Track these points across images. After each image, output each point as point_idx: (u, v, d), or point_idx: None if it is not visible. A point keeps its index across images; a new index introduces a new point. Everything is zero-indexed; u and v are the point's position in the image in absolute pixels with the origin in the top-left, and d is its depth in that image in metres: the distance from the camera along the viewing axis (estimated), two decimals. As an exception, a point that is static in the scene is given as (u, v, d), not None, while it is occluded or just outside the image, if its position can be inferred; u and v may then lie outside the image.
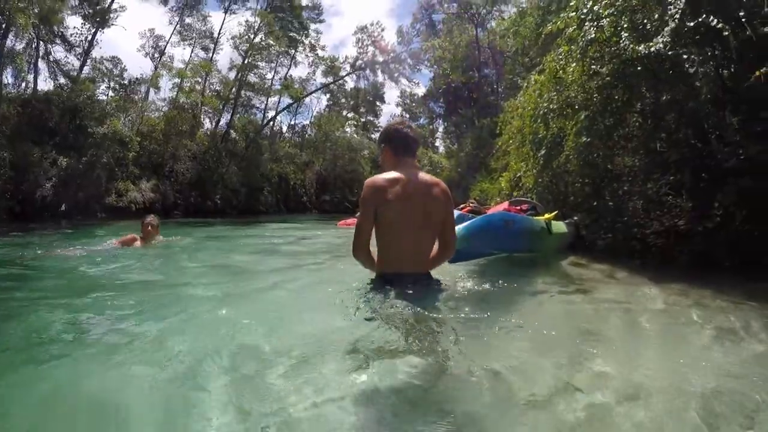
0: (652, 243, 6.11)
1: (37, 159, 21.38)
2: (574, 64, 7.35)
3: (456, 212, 5.45)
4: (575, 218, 7.43)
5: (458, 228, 4.56)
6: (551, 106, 7.96)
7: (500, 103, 31.96)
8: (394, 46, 48.36)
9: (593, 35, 6.26)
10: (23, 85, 25.78)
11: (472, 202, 14.77)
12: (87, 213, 23.03)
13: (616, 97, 6.60)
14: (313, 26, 46.85)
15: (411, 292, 3.15)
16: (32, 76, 26.35)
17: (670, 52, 5.44)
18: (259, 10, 39.39)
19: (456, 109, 38.83)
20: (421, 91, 51.84)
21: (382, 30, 50.21)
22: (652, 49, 5.52)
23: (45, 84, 27.66)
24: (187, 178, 31.41)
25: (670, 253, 5.91)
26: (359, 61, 49.44)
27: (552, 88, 8.09)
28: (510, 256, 6.18)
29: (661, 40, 5.48)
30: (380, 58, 48.96)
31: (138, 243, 7.65)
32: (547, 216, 6.83)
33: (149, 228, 7.88)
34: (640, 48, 5.65)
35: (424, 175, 3.33)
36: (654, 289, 4.73)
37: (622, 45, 5.95)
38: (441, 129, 52.71)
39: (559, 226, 6.63)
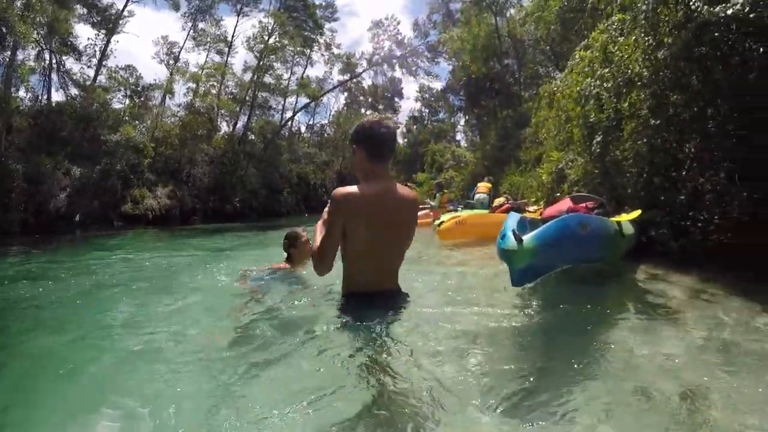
0: (725, 241, 5.18)
1: (50, 170, 21.07)
2: (626, 36, 6.46)
3: (515, 216, 4.52)
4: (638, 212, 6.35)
5: (526, 239, 3.54)
6: (605, 85, 6.93)
7: (522, 93, 31.13)
8: (410, 39, 47.75)
9: (661, -5, 5.32)
10: (37, 97, 25.66)
11: (506, 195, 13.85)
12: (103, 222, 22.63)
13: (687, 71, 5.63)
14: (327, 25, 46.34)
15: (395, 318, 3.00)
16: (45, 88, 26.20)
17: (751, 15, 4.53)
18: (272, 11, 38.92)
19: (477, 101, 37.84)
20: (440, 84, 51.19)
21: (398, 24, 49.36)
22: (729, 11, 4.61)
23: (58, 95, 27.29)
24: (205, 182, 30.88)
25: (741, 254, 4.98)
26: (375, 57, 48.78)
27: (604, 65, 7.08)
28: (569, 270, 5.01)
29: (740, 0, 4.58)
30: (397, 53, 48.27)
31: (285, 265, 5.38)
32: (626, 216, 5.76)
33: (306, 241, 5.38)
34: (717, 9, 4.73)
35: (400, 188, 3.09)
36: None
37: (694, 7, 5.02)
38: (462, 122, 52.03)
39: (628, 226, 5.59)
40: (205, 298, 4.66)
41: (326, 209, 3.09)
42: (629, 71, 6.43)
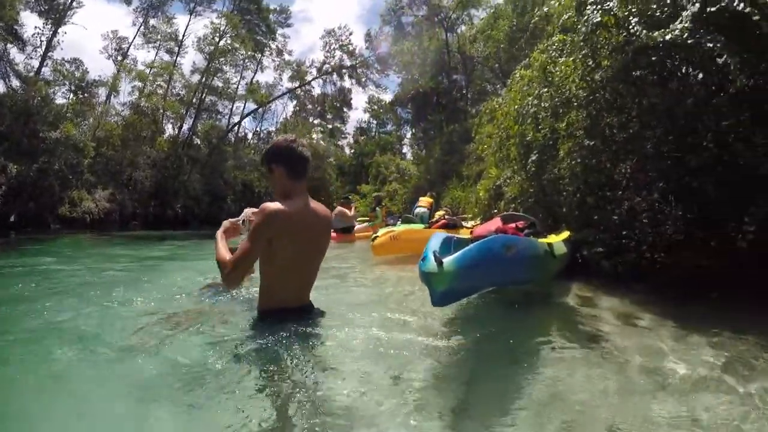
0: (658, 260, 5.22)
1: (-15, 166, 19.93)
2: (565, 57, 6.48)
3: (440, 236, 4.39)
4: (568, 233, 6.30)
5: (447, 261, 3.39)
6: (542, 104, 6.92)
7: (469, 109, 31.42)
8: (361, 50, 47.75)
9: (599, 18, 5.31)
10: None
11: (447, 210, 13.83)
12: (39, 224, 21.70)
13: (624, 93, 5.67)
14: (280, 30, 46.12)
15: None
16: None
17: (690, 41, 4.57)
18: (224, 12, 38.51)
19: (424, 114, 38.18)
20: (388, 97, 51.27)
21: (350, 34, 49.12)
22: (668, 36, 4.65)
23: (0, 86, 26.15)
24: (147, 186, 30.13)
25: (673, 273, 5.05)
26: (326, 65, 48.57)
27: (542, 84, 7.08)
28: (497, 291, 5.04)
29: (679, 26, 4.61)
30: (347, 63, 48.18)
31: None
32: (555, 237, 5.64)
33: None
34: (656, 35, 4.77)
35: (315, 205, 3.21)
36: (695, 339, 3.65)
37: (632, 31, 5.05)
38: (408, 135, 52.23)
39: (560, 246, 5.52)
40: (127, 321, 4.33)
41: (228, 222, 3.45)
42: (567, 92, 6.45)
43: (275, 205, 2.88)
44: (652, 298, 4.97)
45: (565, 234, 5.76)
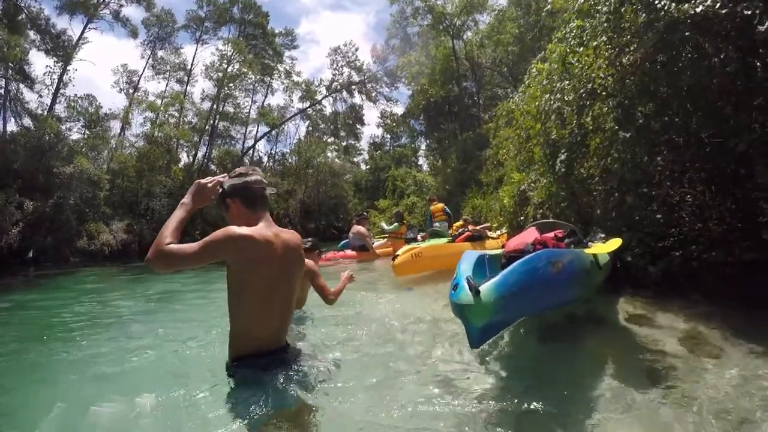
0: (707, 259, 4.70)
1: (1, 203, 20.02)
2: (586, 43, 6.01)
3: (471, 255, 3.82)
4: (602, 236, 5.59)
5: (485, 289, 2.85)
6: (565, 98, 6.38)
7: (482, 115, 30.98)
8: (369, 65, 47.64)
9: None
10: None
11: (468, 221, 13.21)
12: (58, 258, 21.60)
13: (655, 76, 5.13)
14: (287, 53, 46.17)
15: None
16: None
17: (723, 10, 4.10)
18: (230, 38, 38.73)
19: (437, 124, 37.78)
20: (400, 109, 51.00)
21: (356, 50, 48.87)
22: (699, 8, 4.18)
23: (13, 125, 26.48)
24: (164, 215, 29.92)
25: (726, 272, 4.53)
26: (335, 83, 48.49)
27: (563, 77, 6.54)
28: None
29: (711, -6, 4.16)
30: (356, 79, 48.08)
31: None
32: (604, 247, 4.87)
33: None
34: (686, 7, 4.29)
35: (284, 232, 2.94)
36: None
37: (660, 6, 4.55)
38: (423, 146, 51.78)
39: (603, 256, 4.90)
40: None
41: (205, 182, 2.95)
42: (591, 83, 5.91)
43: (240, 230, 2.66)
44: (713, 309, 4.45)
45: (616, 242, 4.91)
